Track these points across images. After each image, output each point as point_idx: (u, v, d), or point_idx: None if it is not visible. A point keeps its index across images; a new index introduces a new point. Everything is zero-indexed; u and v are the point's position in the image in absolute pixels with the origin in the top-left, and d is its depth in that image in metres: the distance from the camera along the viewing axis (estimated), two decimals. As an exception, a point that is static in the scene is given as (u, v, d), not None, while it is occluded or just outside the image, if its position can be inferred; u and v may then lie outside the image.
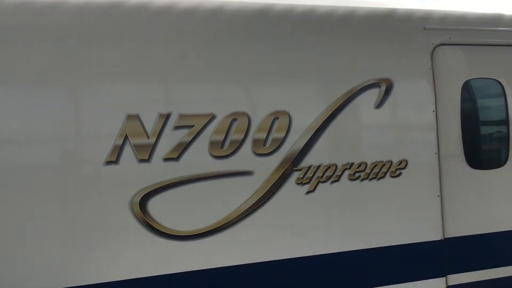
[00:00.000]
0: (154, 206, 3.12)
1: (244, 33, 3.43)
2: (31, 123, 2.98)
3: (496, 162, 3.98)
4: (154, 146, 3.13)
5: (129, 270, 3.11)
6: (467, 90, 3.86)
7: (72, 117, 3.07)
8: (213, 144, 3.22)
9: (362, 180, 3.52)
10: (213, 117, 3.23)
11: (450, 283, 3.72)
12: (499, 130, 4.03)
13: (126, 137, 3.08)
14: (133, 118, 3.09)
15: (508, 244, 3.92)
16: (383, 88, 3.59)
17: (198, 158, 3.20)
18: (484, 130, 4.04)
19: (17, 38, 2.99)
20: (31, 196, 2.96)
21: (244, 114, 3.28)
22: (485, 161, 3.98)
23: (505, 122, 3.97)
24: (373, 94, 3.57)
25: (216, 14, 3.35)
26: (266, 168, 3.32)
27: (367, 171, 3.53)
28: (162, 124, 3.14)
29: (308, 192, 3.41)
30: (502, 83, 3.96)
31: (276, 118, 3.34)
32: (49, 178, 3.00)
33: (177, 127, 3.17)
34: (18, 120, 2.97)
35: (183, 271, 3.19)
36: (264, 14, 3.46)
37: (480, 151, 3.98)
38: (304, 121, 3.40)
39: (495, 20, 4.03)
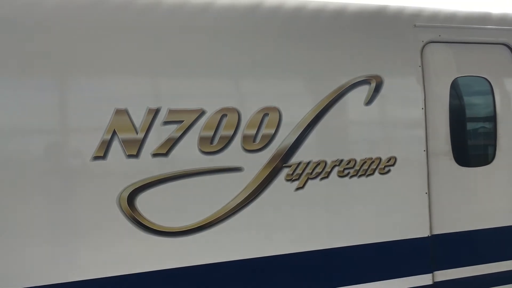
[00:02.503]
0: (142, 202, 3.09)
1: (235, 29, 3.40)
2: (17, 116, 2.92)
3: (483, 159, 4.02)
4: (142, 142, 3.09)
5: (116, 266, 3.07)
6: (456, 88, 3.89)
7: (60, 111, 3.02)
8: (202, 140, 3.19)
9: (351, 176, 3.53)
10: (202, 113, 3.20)
11: (436, 279, 3.75)
12: (486, 128, 4.07)
13: (114, 132, 3.04)
14: (121, 112, 3.05)
15: (495, 241, 3.96)
16: (373, 85, 3.59)
17: (187, 154, 3.17)
18: (472, 128, 4.08)
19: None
20: (17, 191, 2.91)
21: (234, 109, 3.26)
22: (472, 158, 4.02)
23: (493, 120, 4.01)
24: (363, 91, 3.57)
25: (206, 10, 3.31)
26: (255, 164, 3.30)
27: (356, 167, 3.54)
28: (151, 119, 3.10)
29: (297, 189, 3.40)
30: (490, 81, 3.99)
31: (266, 114, 3.33)
32: (36, 173, 2.95)
33: (166, 123, 3.13)
34: (3, 113, 2.90)
35: (171, 267, 3.16)
36: (253, 11, 3.43)
37: (468, 148, 4.02)
38: (294, 117, 3.39)
39: (484, 18, 4.06)
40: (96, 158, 3.02)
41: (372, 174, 3.58)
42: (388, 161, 3.62)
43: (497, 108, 4.00)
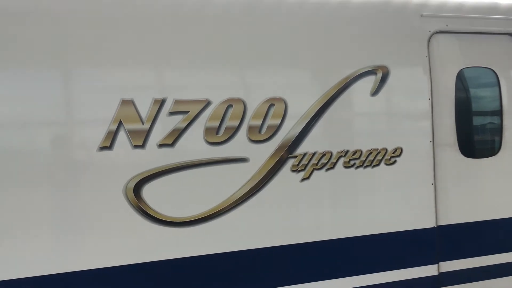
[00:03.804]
0: (149, 192, 3.09)
1: (241, 19, 3.38)
2: (23, 107, 2.93)
3: (489, 151, 4.00)
4: (148, 132, 3.09)
5: (123, 256, 3.09)
6: (462, 79, 3.87)
7: (66, 101, 3.02)
8: (208, 131, 3.19)
9: (357, 167, 3.52)
10: (208, 103, 3.19)
11: (442, 270, 3.75)
12: (492, 119, 4.05)
13: (120, 123, 3.04)
14: (127, 103, 3.05)
15: (500, 232, 3.96)
16: (379, 75, 3.57)
17: (193, 145, 3.17)
18: (478, 119, 4.05)
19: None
20: (23, 182, 2.92)
21: (240, 100, 3.26)
22: (478, 149, 4.00)
23: (499, 111, 3.98)
24: (369, 82, 3.55)
25: (211, 1, 3.30)
26: (261, 155, 3.30)
27: (362, 158, 3.53)
28: (157, 110, 3.10)
29: (303, 180, 3.40)
30: (496, 71, 3.96)
31: (271, 105, 3.32)
32: (42, 164, 2.96)
33: (172, 113, 3.13)
34: (10, 104, 2.91)
35: (176, 257, 3.18)
36: (259, 1, 3.41)
37: (474, 140, 4.00)
38: (300, 108, 3.38)
39: (492, 8, 4.02)
40: (102, 148, 3.02)
41: (378, 165, 3.57)
42: (394, 152, 3.60)
43: (503, 99, 3.97)
